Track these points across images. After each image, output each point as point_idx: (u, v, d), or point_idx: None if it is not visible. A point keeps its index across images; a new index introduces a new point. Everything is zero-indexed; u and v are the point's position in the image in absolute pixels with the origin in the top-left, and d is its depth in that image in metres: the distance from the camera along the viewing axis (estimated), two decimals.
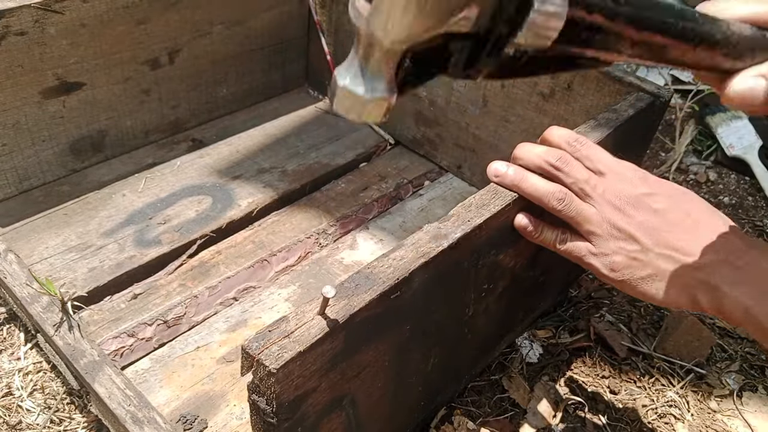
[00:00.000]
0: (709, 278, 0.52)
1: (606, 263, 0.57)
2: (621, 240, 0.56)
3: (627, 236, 0.56)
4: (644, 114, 0.75)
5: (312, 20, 1.16)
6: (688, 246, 0.54)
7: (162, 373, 0.74)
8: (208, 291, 0.83)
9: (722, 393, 0.84)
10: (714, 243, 0.53)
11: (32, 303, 0.64)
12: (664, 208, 0.56)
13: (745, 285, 0.51)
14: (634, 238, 0.55)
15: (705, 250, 0.53)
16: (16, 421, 0.73)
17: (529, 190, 0.58)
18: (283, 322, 0.44)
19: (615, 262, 0.56)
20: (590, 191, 0.57)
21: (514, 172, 0.58)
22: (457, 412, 0.78)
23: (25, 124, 0.89)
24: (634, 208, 0.56)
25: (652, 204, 0.56)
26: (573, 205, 0.57)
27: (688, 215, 0.55)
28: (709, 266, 0.52)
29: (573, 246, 0.59)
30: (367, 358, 0.51)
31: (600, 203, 0.57)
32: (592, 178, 0.58)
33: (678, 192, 0.58)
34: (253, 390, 0.44)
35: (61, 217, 0.90)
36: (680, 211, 0.55)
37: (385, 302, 0.49)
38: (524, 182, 0.58)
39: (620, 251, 0.56)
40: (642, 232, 0.55)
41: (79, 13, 0.87)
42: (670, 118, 1.39)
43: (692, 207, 0.56)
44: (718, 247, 0.53)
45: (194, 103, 1.08)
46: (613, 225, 0.56)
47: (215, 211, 0.94)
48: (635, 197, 0.56)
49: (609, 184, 0.57)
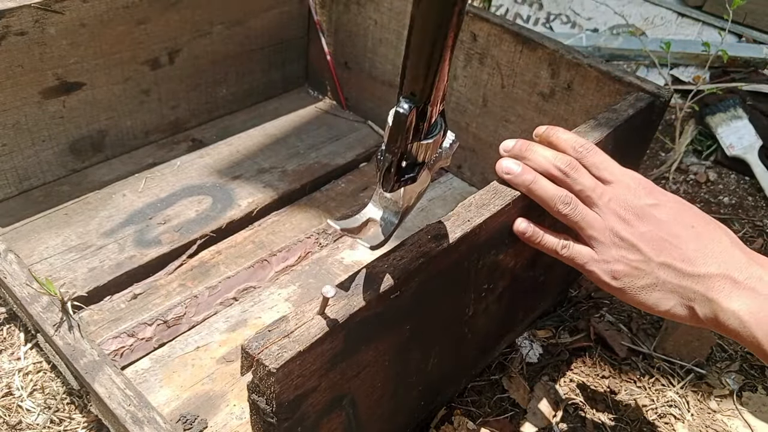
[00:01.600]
0: (708, 292, 0.53)
1: (607, 270, 0.57)
2: (623, 249, 0.56)
3: (629, 245, 0.56)
4: (644, 114, 0.75)
5: (312, 20, 1.16)
6: (689, 258, 0.54)
7: (162, 373, 0.74)
8: (208, 291, 0.83)
9: (722, 393, 0.84)
10: (715, 256, 0.54)
11: (32, 303, 0.64)
12: (668, 219, 0.56)
13: (742, 300, 0.51)
14: (637, 247, 0.56)
15: (706, 262, 0.53)
16: (16, 421, 0.73)
17: (538, 192, 0.58)
18: (283, 322, 0.44)
19: (616, 271, 0.57)
20: (596, 199, 0.58)
21: (527, 171, 0.59)
22: (457, 412, 0.78)
23: (25, 124, 0.89)
24: (637, 218, 0.56)
25: (656, 215, 0.56)
26: (578, 211, 0.57)
27: (691, 227, 0.56)
28: (708, 280, 0.53)
29: (575, 252, 0.59)
30: (366, 357, 0.51)
31: (604, 212, 0.57)
32: (599, 186, 0.58)
33: (682, 204, 0.58)
34: (252, 390, 0.44)
35: (61, 217, 0.90)
36: (683, 223, 0.56)
37: (385, 302, 0.49)
38: (535, 184, 0.58)
39: (622, 260, 0.56)
40: (644, 242, 0.55)
41: (79, 13, 0.87)
42: (670, 118, 1.39)
43: (695, 219, 0.56)
44: (719, 260, 0.53)
45: (194, 103, 1.08)
46: (616, 234, 0.56)
47: (215, 211, 0.94)
48: (640, 207, 0.57)
49: (615, 194, 0.58)
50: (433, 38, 0.42)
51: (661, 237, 0.55)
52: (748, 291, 0.51)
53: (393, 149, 0.46)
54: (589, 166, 0.59)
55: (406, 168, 0.48)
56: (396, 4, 1.02)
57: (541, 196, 0.58)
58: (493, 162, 0.61)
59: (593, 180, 0.58)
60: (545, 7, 1.65)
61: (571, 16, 1.62)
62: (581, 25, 1.62)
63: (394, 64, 1.07)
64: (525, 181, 0.58)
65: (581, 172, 0.58)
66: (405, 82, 0.45)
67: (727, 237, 0.56)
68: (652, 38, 1.56)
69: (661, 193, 0.58)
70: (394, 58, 1.07)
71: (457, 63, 0.98)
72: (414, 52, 0.43)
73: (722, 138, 1.28)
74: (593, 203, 0.58)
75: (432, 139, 0.48)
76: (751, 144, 1.26)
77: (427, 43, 0.42)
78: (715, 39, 1.51)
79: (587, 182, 0.58)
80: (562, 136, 0.61)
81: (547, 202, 0.58)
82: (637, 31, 1.57)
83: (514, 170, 0.59)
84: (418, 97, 0.44)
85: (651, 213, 0.56)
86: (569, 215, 0.57)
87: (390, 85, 1.10)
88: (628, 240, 0.56)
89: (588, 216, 0.57)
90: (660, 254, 0.55)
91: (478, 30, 0.93)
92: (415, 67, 0.43)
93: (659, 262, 0.55)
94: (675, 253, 0.54)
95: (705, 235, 0.55)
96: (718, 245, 0.54)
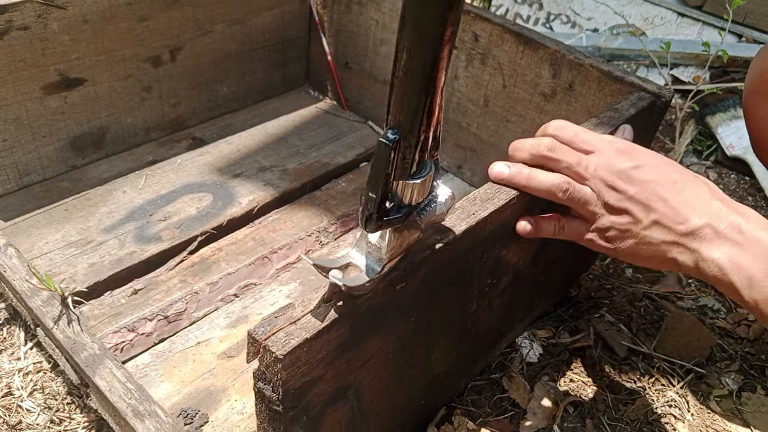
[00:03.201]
0: (691, 242, 0.56)
1: (602, 237, 0.61)
2: (614, 215, 0.59)
3: (620, 211, 0.59)
4: (645, 114, 0.76)
5: (313, 20, 1.16)
6: (674, 214, 0.57)
7: (162, 368, 0.73)
8: (209, 287, 0.82)
9: (722, 393, 0.84)
10: (698, 208, 0.57)
11: (32, 297, 0.63)
12: (651, 178, 0.58)
13: (722, 249, 0.55)
14: (626, 210, 0.58)
15: (689, 216, 0.57)
16: (16, 421, 0.72)
17: (535, 187, 0.60)
18: (290, 309, 0.44)
19: (609, 236, 0.60)
20: (584, 172, 0.60)
21: (519, 171, 0.60)
22: (457, 412, 0.78)
23: (26, 119, 0.88)
24: (624, 182, 0.59)
25: (639, 176, 0.58)
26: (576, 191, 0.60)
27: (674, 183, 0.58)
28: (692, 231, 0.56)
29: (571, 229, 0.63)
30: (372, 348, 0.51)
31: (594, 182, 0.60)
32: (583, 158, 0.60)
33: (660, 160, 0.60)
34: (258, 377, 0.44)
35: (62, 213, 0.90)
36: (666, 179, 0.58)
37: (391, 292, 0.49)
38: (531, 181, 0.60)
39: (614, 225, 0.59)
40: (633, 205, 0.58)
41: (82, 8, 0.87)
42: (670, 118, 1.39)
43: (676, 173, 0.59)
44: (702, 211, 0.57)
45: (195, 101, 1.08)
46: (606, 201, 0.59)
47: (216, 208, 0.93)
48: (623, 171, 0.59)
49: (598, 162, 0.60)
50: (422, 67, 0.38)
51: (647, 197, 0.58)
52: (727, 240, 0.55)
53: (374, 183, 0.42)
54: (567, 143, 0.62)
55: (391, 209, 0.44)
56: (397, 4, 1.02)
57: (539, 190, 0.60)
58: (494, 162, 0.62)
59: (576, 154, 0.61)
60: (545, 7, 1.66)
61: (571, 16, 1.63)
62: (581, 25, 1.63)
63: None
64: (520, 181, 0.60)
65: (563, 150, 0.61)
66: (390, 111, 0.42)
67: (706, 187, 0.59)
68: (652, 38, 1.57)
69: (640, 152, 0.61)
70: None
71: (459, 63, 0.98)
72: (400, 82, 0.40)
73: (722, 138, 1.29)
74: (582, 177, 0.60)
75: (420, 180, 0.44)
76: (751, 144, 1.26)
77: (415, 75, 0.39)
78: (715, 39, 1.52)
79: (571, 158, 0.60)
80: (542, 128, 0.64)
81: (548, 194, 0.60)
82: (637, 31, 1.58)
83: (505, 173, 0.60)
84: (403, 128, 0.41)
85: (634, 175, 0.59)
86: (570, 199, 0.60)
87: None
88: (617, 206, 0.59)
89: (584, 192, 0.60)
90: (648, 214, 0.58)
91: (479, 30, 0.93)
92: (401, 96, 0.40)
93: (649, 222, 0.58)
94: (662, 210, 0.57)
95: (687, 188, 0.58)
96: (699, 197, 0.57)
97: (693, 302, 0.96)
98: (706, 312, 0.95)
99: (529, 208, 0.62)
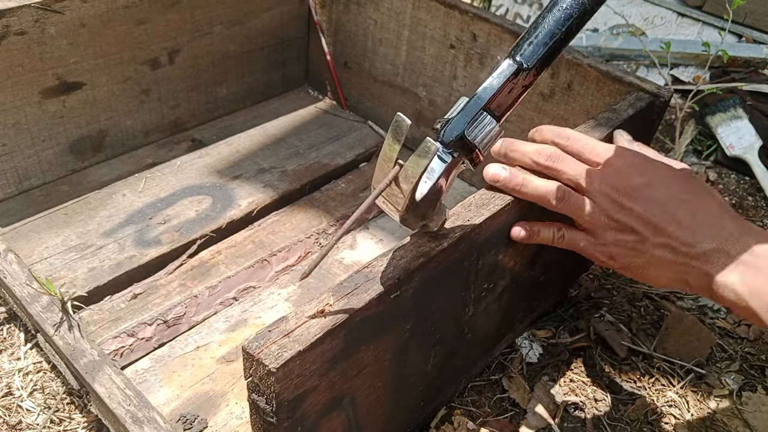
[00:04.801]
0: (703, 266, 0.54)
1: (605, 252, 0.59)
2: (619, 231, 0.57)
3: (625, 227, 0.57)
4: (644, 114, 0.75)
5: (312, 20, 1.16)
6: (684, 235, 0.55)
7: (162, 373, 0.74)
8: (208, 291, 0.83)
9: (722, 393, 0.84)
10: (709, 230, 0.55)
11: (32, 303, 0.64)
12: (661, 197, 0.56)
13: (736, 274, 0.53)
14: (633, 229, 0.56)
15: (701, 238, 0.55)
16: (16, 421, 0.73)
17: (530, 193, 0.59)
18: (283, 322, 0.44)
19: (614, 252, 0.58)
20: (586, 185, 0.58)
21: (514, 176, 0.59)
22: (457, 412, 0.78)
23: (25, 124, 0.89)
24: (631, 199, 0.56)
25: (649, 194, 0.56)
26: (571, 201, 0.58)
27: (685, 202, 0.56)
28: (704, 255, 0.54)
29: (572, 239, 0.60)
30: (367, 357, 0.51)
31: (596, 196, 0.58)
32: (587, 171, 0.58)
33: (673, 177, 0.58)
34: (252, 389, 0.44)
35: (61, 217, 0.90)
36: (677, 199, 0.56)
37: (385, 302, 0.49)
38: (525, 186, 0.58)
39: (618, 242, 0.57)
40: (640, 223, 0.56)
41: (79, 12, 0.87)
42: (670, 118, 1.39)
43: (687, 190, 0.57)
44: (714, 234, 0.55)
45: (194, 103, 1.08)
46: (611, 217, 0.57)
47: (215, 211, 0.94)
48: (632, 188, 0.57)
49: (604, 176, 0.58)
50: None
51: (655, 216, 0.56)
52: (740, 264, 0.53)
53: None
54: (573, 154, 0.60)
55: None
56: (396, 4, 1.02)
57: (533, 196, 0.59)
58: (493, 162, 0.61)
59: (580, 166, 0.59)
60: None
61: None
62: None
63: (393, 64, 1.08)
64: (515, 186, 0.58)
65: (566, 161, 0.59)
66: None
67: (717, 205, 0.57)
68: (652, 38, 1.56)
69: (652, 168, 0.59)
70: (394, 58, 1.07)
71: (457, 63, 0.98)
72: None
73: (722, 138, 1.28)
74: (584, 189, 0.58)
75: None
76: (751, 144, 1.26)
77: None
78: (715, 39, 1.51)
79: (574, 170, 0.59)
80: (543, 130, 0.63)
81: (541, 200, 0.59)
82: (637, 31, 1.57)
83: (501, 175, 0.59)
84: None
85: (644, 193, 0.57)
86: (564, 208, 0.58)
87: (390, 85, 1.10)
88: (623, 222, 0.57)
89: (582, 204, 0.58)
90: (656, 234, 0.56)
91: (478, 30, 0.93)
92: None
93: (656, 243, 0.56)
94: (671, 231, 0.55)
95: (699, 208, 0.56)
96: (711, 217, 0.56)
97: (693, 302, 0.96)
98: (706, 312, 0.95)
99: (526, 213, 0.62)
